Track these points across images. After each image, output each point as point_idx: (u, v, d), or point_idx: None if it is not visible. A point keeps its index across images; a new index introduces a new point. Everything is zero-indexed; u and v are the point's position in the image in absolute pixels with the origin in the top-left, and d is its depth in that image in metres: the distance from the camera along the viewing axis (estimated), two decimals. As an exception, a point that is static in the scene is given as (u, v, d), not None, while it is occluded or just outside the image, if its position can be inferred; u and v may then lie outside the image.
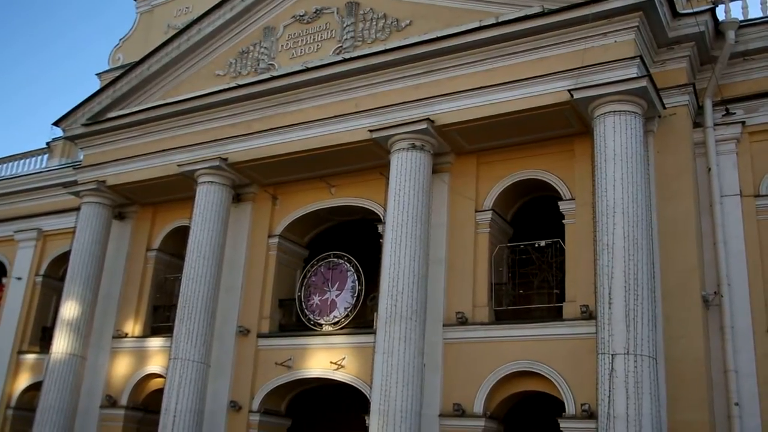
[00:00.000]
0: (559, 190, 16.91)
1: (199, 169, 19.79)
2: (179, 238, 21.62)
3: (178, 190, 21.11)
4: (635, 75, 14.85)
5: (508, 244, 17.87)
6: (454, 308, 16.79)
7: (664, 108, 15.67)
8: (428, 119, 16.82)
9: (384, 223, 17.30)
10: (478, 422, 15.87)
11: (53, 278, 25.58)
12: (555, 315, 16.38)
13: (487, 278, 17.04)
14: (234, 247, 20.21)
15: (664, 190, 15.58)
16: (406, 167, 16.91)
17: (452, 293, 17.00)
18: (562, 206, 16.71)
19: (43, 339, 24.81)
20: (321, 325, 19.04)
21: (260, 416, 18.84)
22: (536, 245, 17.27)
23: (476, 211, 17.43)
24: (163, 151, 20.78)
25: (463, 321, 16.58)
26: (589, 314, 15.04)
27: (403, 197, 16.68)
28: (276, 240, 20.09)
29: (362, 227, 20.02)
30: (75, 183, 22.61)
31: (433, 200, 17.41)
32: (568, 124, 16.45)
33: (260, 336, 19.34)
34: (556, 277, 16.83)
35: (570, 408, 15.04)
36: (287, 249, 20.40)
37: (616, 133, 14.78)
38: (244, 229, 20.47)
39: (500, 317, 16.95)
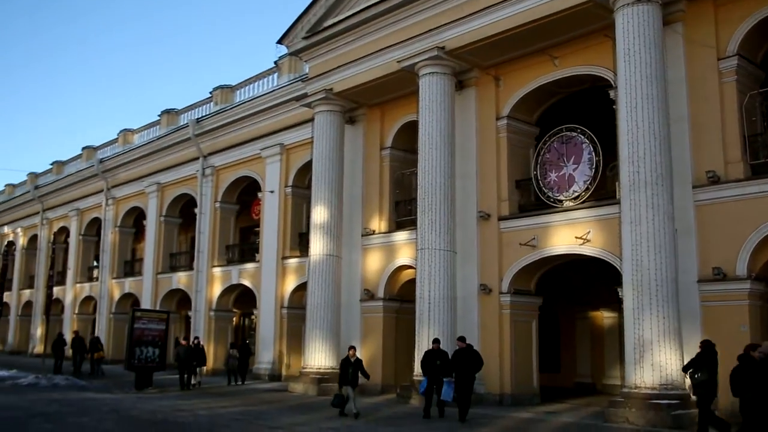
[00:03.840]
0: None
1: (419, 62, 19.80)
2: (409, 133, 22.01)
3: (401, 86, 21.37)
4: None
5: (760, 91, 16.13)
6: (703, 167, 15.64)
7: None
8: (653, -34, 15.34)
9: (616, 87, 16.31)
10: (743, 285, 14.88)
11: (300, 187, 27.32)
12: (824, 161, 14.71)
13: (739, 131, 15.57)
14: (463, 134, 20.21)
15: None
16: (633, 24, 15.64)
17: (699, 152, 15.79)
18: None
19: (300, 244, 26.86)
20: (561, 201, 18.65)
21: (511, 297, 19.13)
22: (795, 86, 15.44)
23: (718, 59, 15.83)
24: (382, 50, 21.02)
25: (714, 180, 15.42)
26: None
27: (633, 56, 15.53)
28: (504, 122, 19.78)
29: (592, 96, 19.09)
30: (305, 95, 23.68)
31: (668, 54, 16.06)
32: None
33: (501, 219, 19.42)
34: (822, 120, 15.00)
35: None
36: (517, 129, 20.03)
37: None
38: (471, 115, 20.34)
39: (758, 171, 15.51)
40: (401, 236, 22.00)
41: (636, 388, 14.63)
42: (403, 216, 22.58)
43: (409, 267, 21.43)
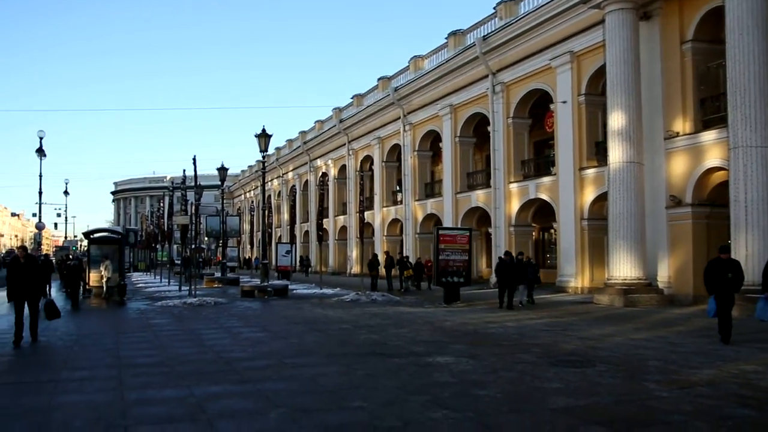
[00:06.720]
0: None
1: (721, -62, 17.74)
2: (713, 21, 19.99)
3: (702, -30, 19.40)
4: None
5: None
6: None
7: None
8: None
9: None
10: None
11: (594, 95, 26.19)
12: None
13: None
14: (779, 14, 17.87)
15: None
16: None
17: None
18: None
19: (597, 153, 25.94)
20: None
21: None
22: None
23: None
24: (677, -68, 19.15)
25: None
26: None
27: None
28: (831, -7, 17.15)
29: None
30: (594, -5, 22.46)
31: None
32: None
33: (831, 106, 17.04)
34: None
35: None
36: None
37: None
38: (789, -11, 17.89)
39: None
40: (709, 136, 20.28)
41: None
42: (711, 114, 20.77)
43: (720, 168, 19.75)
